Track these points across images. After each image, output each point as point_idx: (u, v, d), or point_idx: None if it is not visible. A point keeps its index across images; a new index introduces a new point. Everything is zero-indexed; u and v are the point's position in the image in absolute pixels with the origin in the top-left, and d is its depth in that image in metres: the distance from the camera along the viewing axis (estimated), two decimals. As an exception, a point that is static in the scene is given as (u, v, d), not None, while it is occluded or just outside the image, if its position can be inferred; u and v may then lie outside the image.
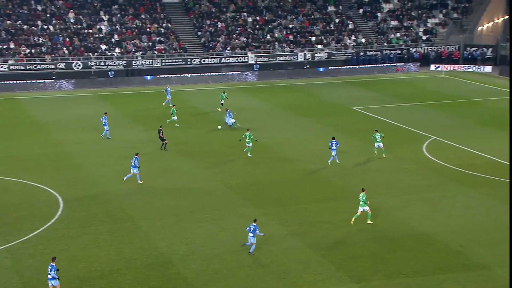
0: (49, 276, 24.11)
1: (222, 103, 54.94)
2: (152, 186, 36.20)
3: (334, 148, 39.37)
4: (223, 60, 72.33)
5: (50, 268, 24.10)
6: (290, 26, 78.84)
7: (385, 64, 75.12)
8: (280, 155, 42.19)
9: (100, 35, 72.64)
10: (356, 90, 65.25)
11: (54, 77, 66.40)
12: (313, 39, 77.44)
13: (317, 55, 75.09)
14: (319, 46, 76.66)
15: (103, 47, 71.03)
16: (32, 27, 71.76)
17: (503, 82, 68.33)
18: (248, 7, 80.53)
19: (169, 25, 76.18)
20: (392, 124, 49.16)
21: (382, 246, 28.50)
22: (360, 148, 42.90)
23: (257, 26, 78.08)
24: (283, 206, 32.98)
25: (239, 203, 33.60)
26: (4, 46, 68.57)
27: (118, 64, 69.35)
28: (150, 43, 72.95)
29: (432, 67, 74.65)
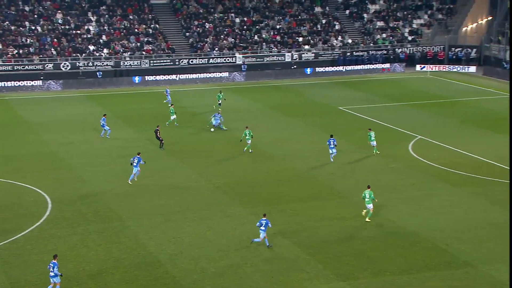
0: (51, 274, 24.24)
1: (220, 103, 55.10)
2: (141, 186, 36.29)
3: (332, 146, 40.10)
4: (211, 60, 72.54)
5: (53, 265, 24.23)
6: (278, 27, 79.12)
7: (372, 66, 75.46)
8: (267, 154, 42.44)
9: (88, 36, 72.57)
10: (342, 90, 65.63)
11: (42, 77, 66.26)
12: (300, 39, 77.74)
13: (304, 56, 75.42)
14: (306, 47, 76.98)
15: (91, 47, 70.96)
16: (20, 28, 71.55)
17: (487, 82, 69.10)
18: (236, 8, 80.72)
19: (157, 25, 76.22)
20: (378, 124, 49.51)
21: (369, 244, 28.82)
22: (347, 147, 43.22)
23: (244, 27, 78.30)
24: (270, 206, 33.19)
25: (227, 203, 33.81)
26: (-9, 47, 68.47)
27: (106, 65, 69.31)
28: (138, 44, 72.97)
29: (418, 67, 75.11)
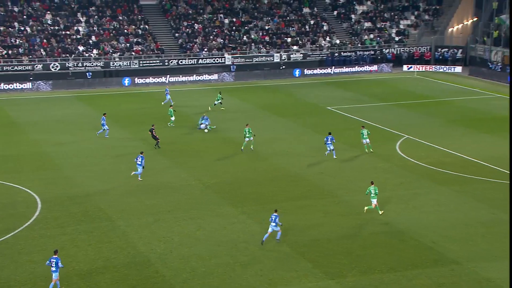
0: (52, 269, 24.36)
1: (221, 102, 55.44)
2: (130, 186, 36.41)
3: (329, 143, 40.74)
4: (200, 61, 72.70)
5: (56, 261, 24.33)
6: (266, 28, 79.39)
7: (359, 68, 75.87)
8: (257, 154, 42.63)
9: (78, 37, 72.50)
10: (331, 90, 65.95)
11: (31, 78, 66.19)
12: (288, 40, 78.04)
13: (292, 56, 75.75)
14: (295, 47, 77.31)
15: (81, 48, 70.90)
16: (9, 29, 71.36)
17: (472, 82, 69.81)
18: (225, 8, 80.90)
19: (146, 26, 76.27)
20: (366, 124, 49.80)
21: (357, 243, 29.10)
22: (336, 147, 43.39)
23: (233, 28, 78.50)
24: (260, 205, 33.42)
25: (217, 202, 33.99)
26: (-20, 48, 68.29)
27: (96, 65, 69.31)
28: (128, 45, 72.99)
29: (405, 67, 75.66)
